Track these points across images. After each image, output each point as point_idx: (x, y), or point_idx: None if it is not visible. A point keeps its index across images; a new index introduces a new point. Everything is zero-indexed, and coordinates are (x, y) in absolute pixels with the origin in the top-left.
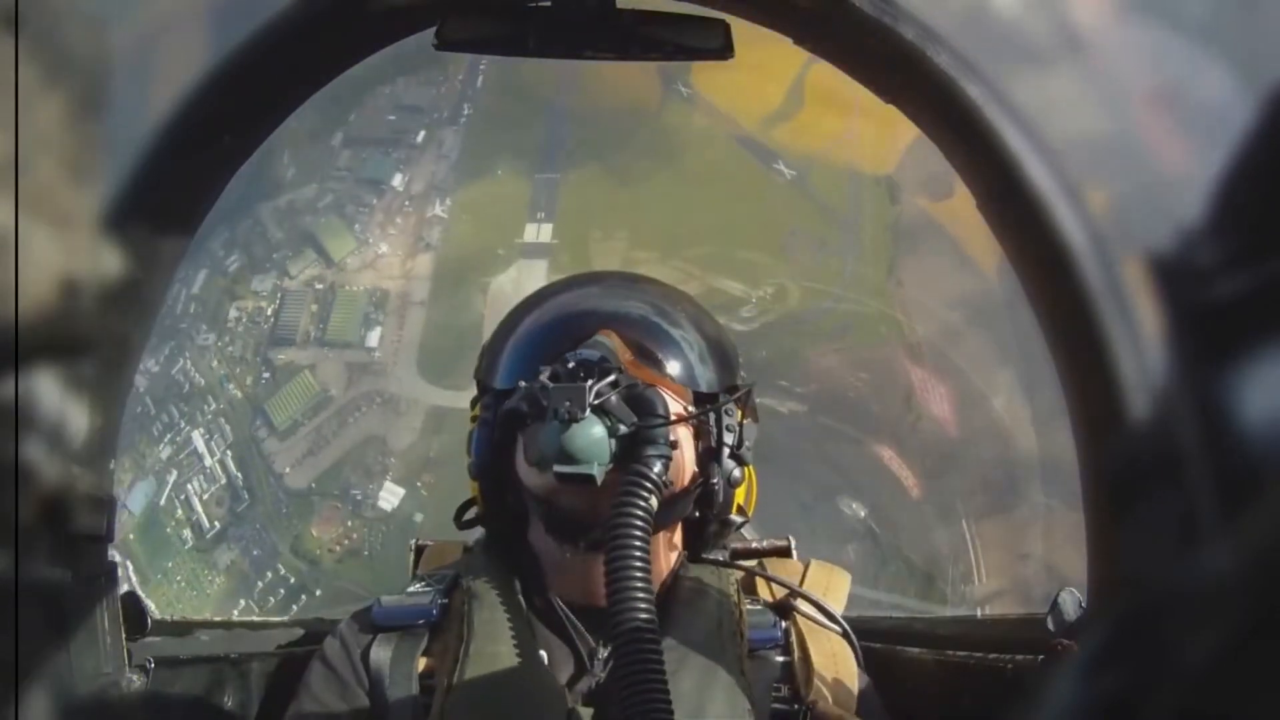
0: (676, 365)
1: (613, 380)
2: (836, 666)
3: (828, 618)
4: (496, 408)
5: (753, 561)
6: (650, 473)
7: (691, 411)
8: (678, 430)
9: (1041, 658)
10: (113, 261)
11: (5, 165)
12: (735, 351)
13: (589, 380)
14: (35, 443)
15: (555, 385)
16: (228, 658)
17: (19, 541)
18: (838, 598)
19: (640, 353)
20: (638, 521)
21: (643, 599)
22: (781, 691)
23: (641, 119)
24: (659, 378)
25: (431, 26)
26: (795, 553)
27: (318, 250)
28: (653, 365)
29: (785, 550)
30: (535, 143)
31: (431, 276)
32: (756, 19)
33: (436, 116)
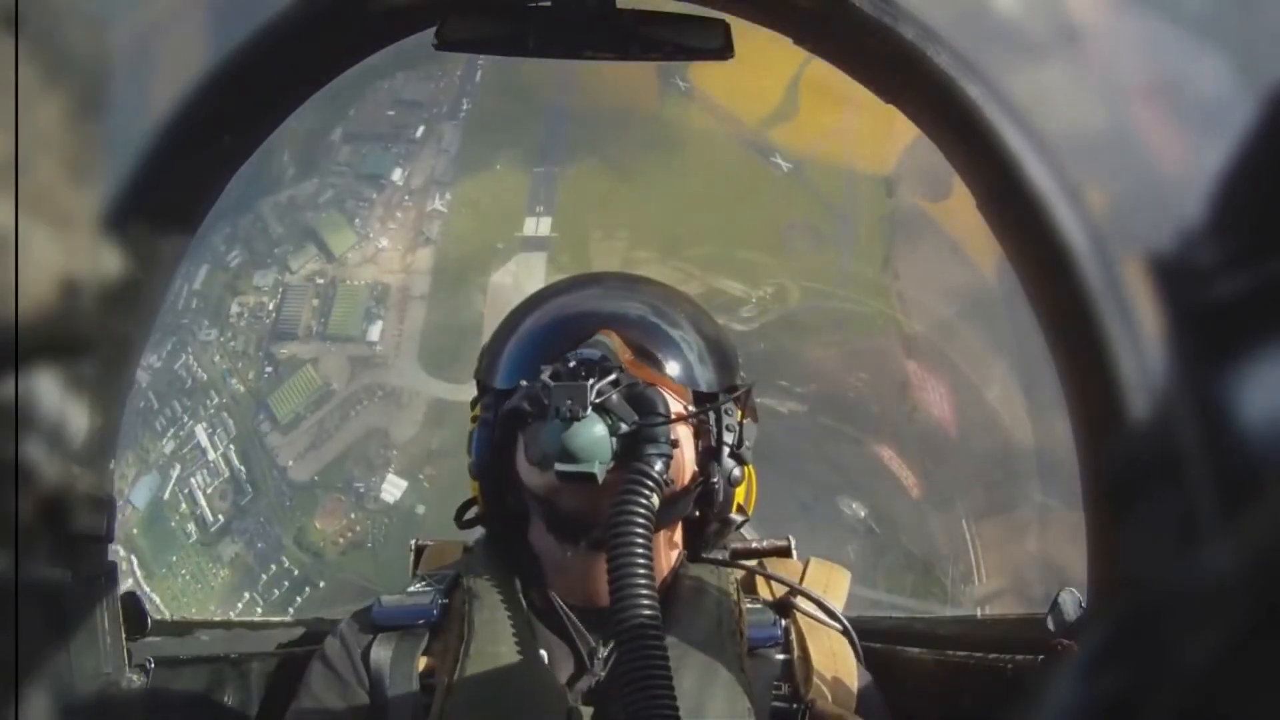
0: (676, 365)
1: (614, 379)
2: (836, 665)
3: (828, 615)
4: (497, 407)
5: (753, 561)
6: (651, 471)
7: (692, 410)
8: (678, 429)
9: (1041, 658)
10: (113, 261)
11: (5, 165)
12: (735, 351)
13: (590, 379)
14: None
15: (556, 384)
16: (228, 658)
17: (19, 541)
18: (838, 595)
19: (640, 352)
20: (640, 519)
21: (646, 596)
22: (781, 690)
23: (639, 112)
24: (659, 377)
25: (431, 26)
26: (795, 553)
27: (319, 245)
28: (653, 365)
29: (785, 550)
30: (534, 137)
31: (432, 270)
32: (756, 19)
33: (436, 111)
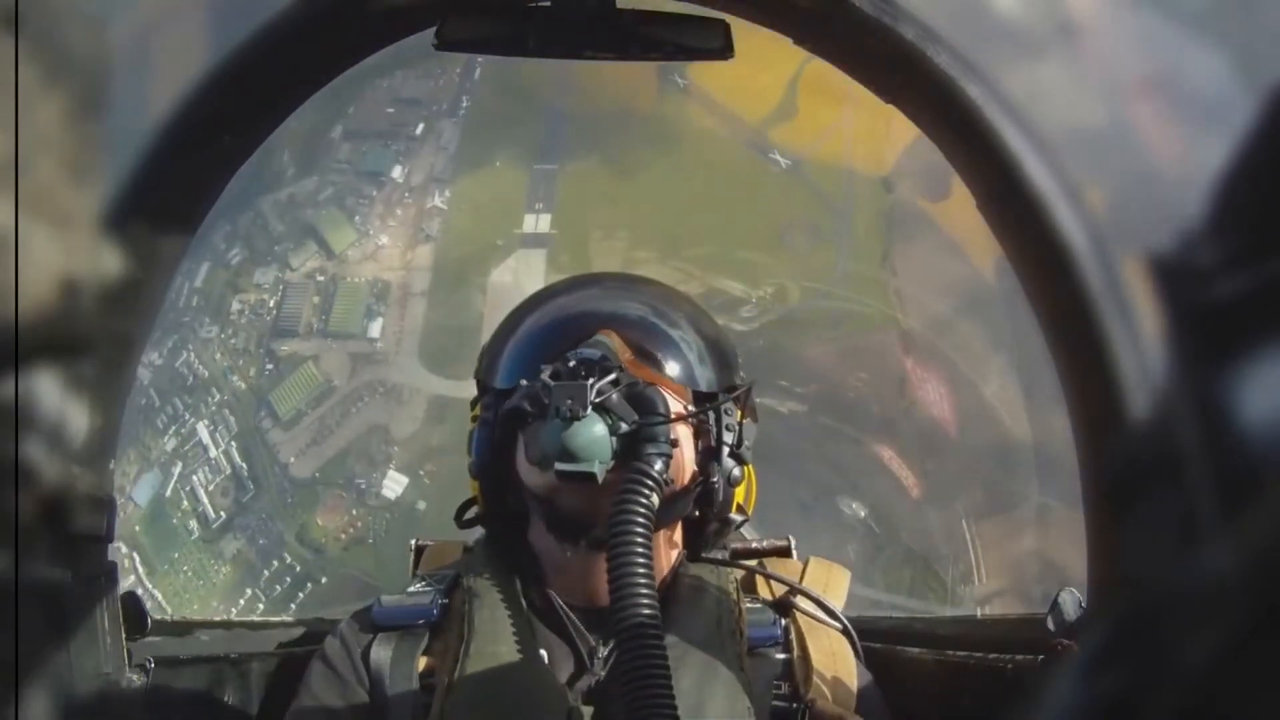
0: (676, 365)
1: (613, 379)
2: (836, 665)
3: (828, 614)
4: (497, 407)
5: (753, 561)
6: (651, 470)
7: (691, 410)
8: (678, 429)
9: (1041, 658)
10: (113, 261)
11: (5, 165)
12: (734, 351)
13: (590, 379)
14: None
15: (557, 384)
16: (228, 658)
17: (19, 541)
18: (837, 594)
19: (640, 352)
20: (639, 519)
21: (646, 595)
22: (782, 689)
23: (638, 109)
24: (659, 377)
25: (431, 26)
26: (795, 553)
27: (319, 242)
28: (652, 365)
29: (785, 550)
30: (533, 134)
31: (432, 267)
32: (756, 19)
33: (435, 109)
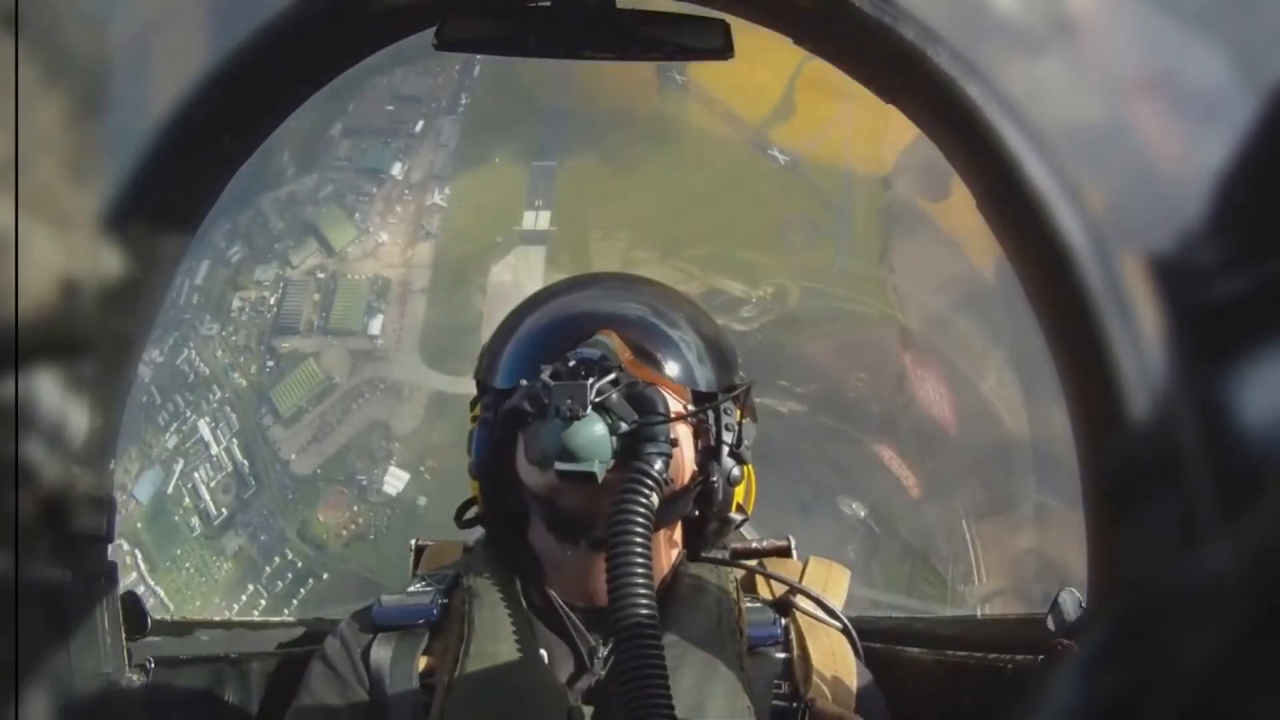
0: (675, 365)
1: (613, 379)
2: (835, 664)
3: (828, 613)
4: (497, 407)
5: (753, 561)
6: (651, 470)
7: (691, 410)
8: (677, 429)
9: (1041, 658)
10: (113, 261)
11: (5, 165)
12: (733, 351)
13: (590, 378)
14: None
15: (557, 383)
16: (228, 658)
17: (19, 541)
18: (837, 593)
19: (639, 352)
20: (639, 518)
21: (644, 595)
22: (782, 688)
23: (636, 106)
24: (658, 377)
25: (431, 26)
26: (795, 553)
27: (319, 240)
28: (652, 364)
29: (785, 550)
30: (532, 132)
31: (432, 264)
32: (756, 19)
33: (434, 106)
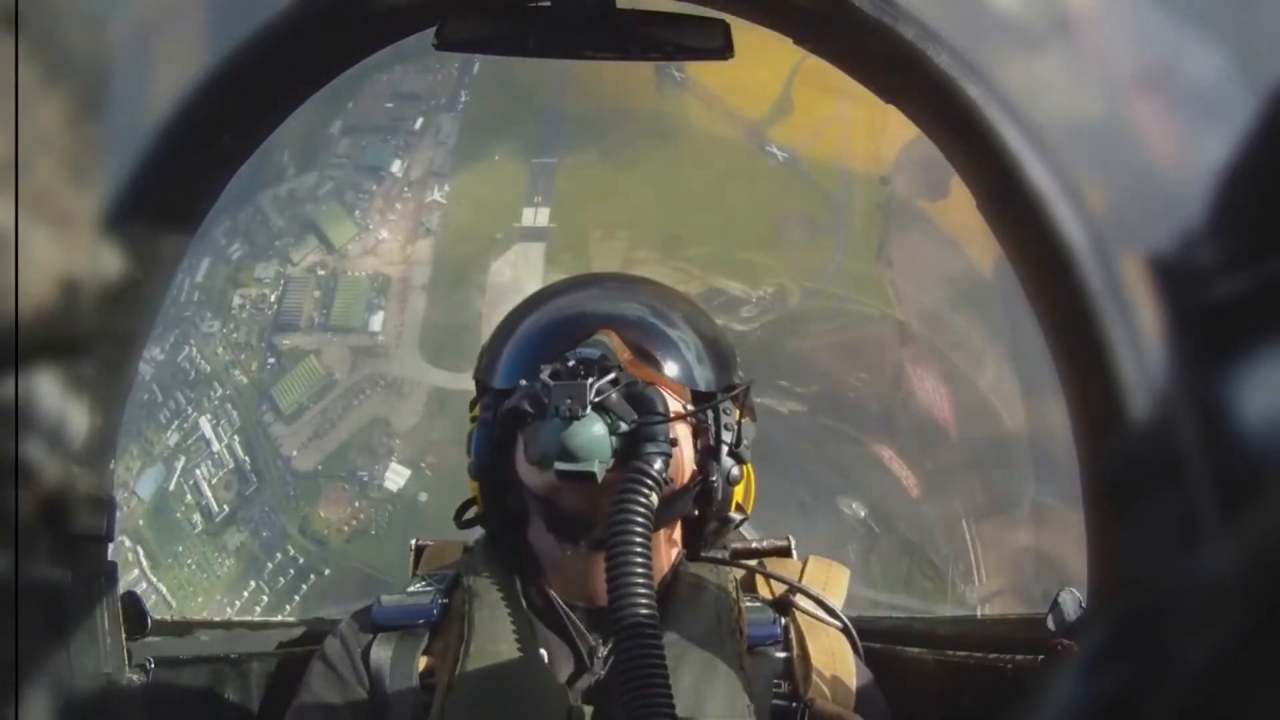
0: (674, 365)
1: (613, 378)
2: (835, 663)
3: (828, 613)
4: (496, 407)
5: (753, 561)
6: (651, 469)
7: (690, 409)
8: (677, 428)
9: (1041, 658)
10: (113, 261)
11: (5, 165)
12: (732, 351)
13: (589, 378)
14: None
15: (556, 383)
16: (228, 658)
17: (19, 541)
18: (837, 592)
19: (639, 352)
20: (639, 518)
21: (644, 594)
22: (782, 688)
23: (635, 103)
24: (657, 376)
25: (431, 26)
26: (795, 553)
27: (319, 237)
28: (651, 364)
29: (785, 550)
30: (531, 129)
31: (431, 261)
32: (756, 19)
33: (434, 103)
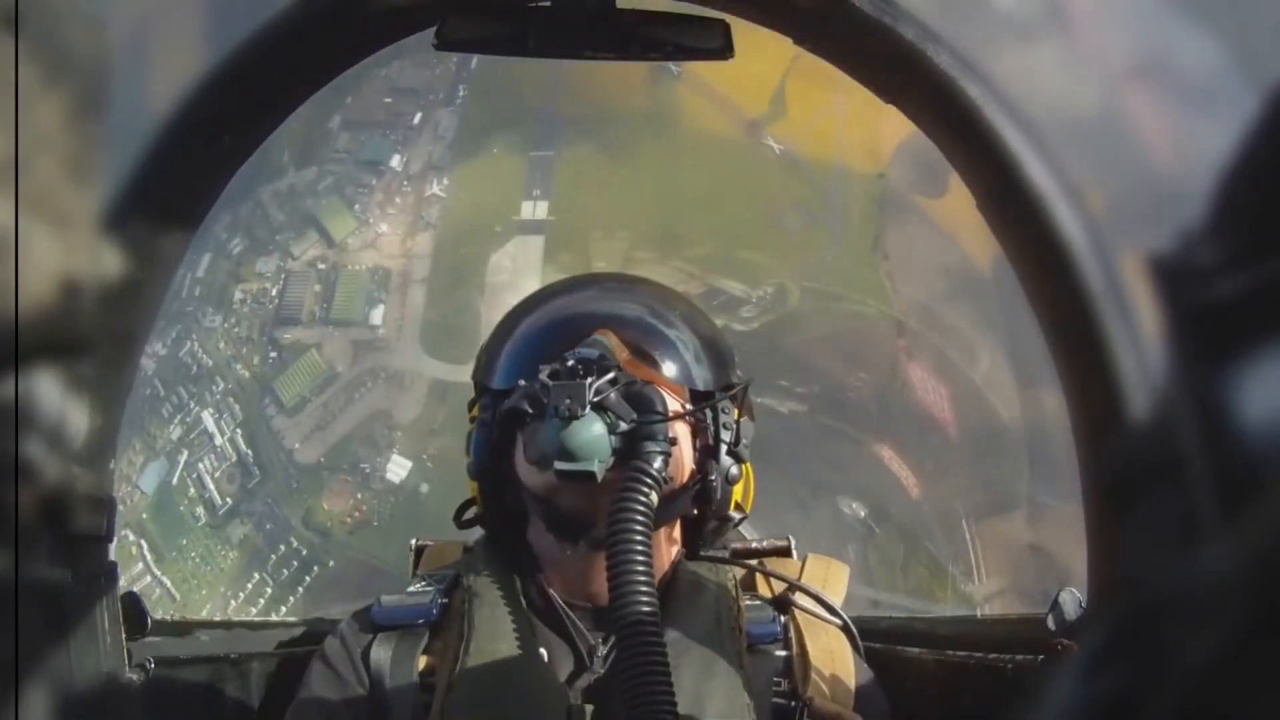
0: (673, 364)
1: (612, 378)
2: (834, 663)
3: (828, 610)
4: (495, 408)
5: (753, 560)
6: (650, 468)
7: (689, 408)
8: (676, 427)
9: (1041, 658)
10: (113, 261)
11: (5, 165)
12: (730, 351)
13: (588, 378)
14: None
15: (555, 383)
16: (228, 658)
17: (19, 541)
18: (836, 590)
19: (637, 352)
20: (639, 516)
21: (645, 592)
22: (781, 686)
23: (632, 96)
24: (656, 376)
25: (431, 26)
26: (795, 552)
27: (319, 231)
28: (650, 364)
29: (785, 550)
30: (529, 124)
31: (431, 254)
32: (756, 19)
33: (432, 98)
